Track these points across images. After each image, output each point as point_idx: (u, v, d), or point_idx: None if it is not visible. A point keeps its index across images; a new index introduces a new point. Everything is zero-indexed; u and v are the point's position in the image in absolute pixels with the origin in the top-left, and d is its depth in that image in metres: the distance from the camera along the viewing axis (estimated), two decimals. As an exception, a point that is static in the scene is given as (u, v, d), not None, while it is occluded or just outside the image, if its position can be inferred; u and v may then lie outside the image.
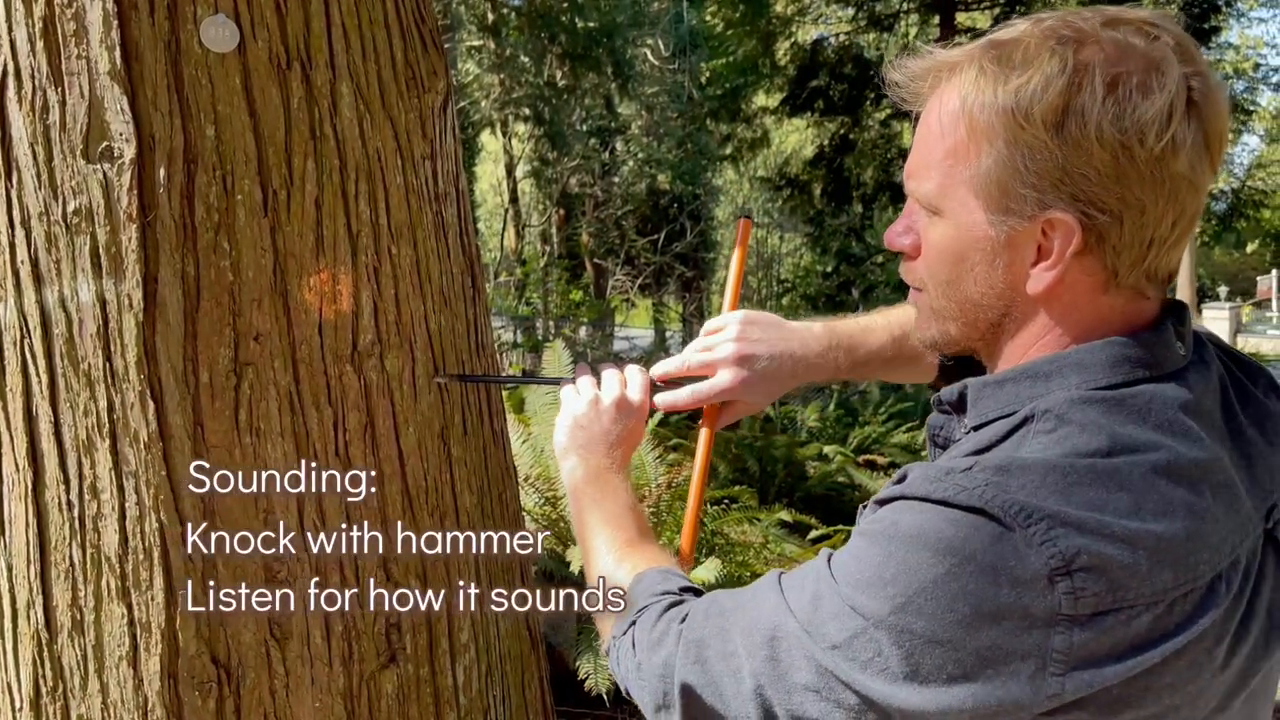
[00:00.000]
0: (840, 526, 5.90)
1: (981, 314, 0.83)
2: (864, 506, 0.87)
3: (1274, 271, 26.22)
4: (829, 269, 15.32)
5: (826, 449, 7.32)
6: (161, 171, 1.06)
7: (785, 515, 5.64)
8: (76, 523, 1.12)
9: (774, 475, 6.77)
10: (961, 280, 0.82)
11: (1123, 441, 0.72)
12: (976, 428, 0.83)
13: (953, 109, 0.79)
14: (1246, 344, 18.36)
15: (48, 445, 1.12)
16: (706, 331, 1.21)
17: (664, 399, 1.17)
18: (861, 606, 0.72)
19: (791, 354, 1.18)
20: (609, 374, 1.19)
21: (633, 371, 1.19)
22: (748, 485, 5.74)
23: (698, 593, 0.92)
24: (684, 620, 0.86)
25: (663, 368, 1.19)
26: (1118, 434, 0.73)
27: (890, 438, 8.09)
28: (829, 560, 0.78)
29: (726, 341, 1.17)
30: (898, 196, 11.83)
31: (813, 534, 5.77)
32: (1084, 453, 0.72)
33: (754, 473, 6.71)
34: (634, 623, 0.92)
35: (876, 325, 1.27)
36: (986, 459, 0.74)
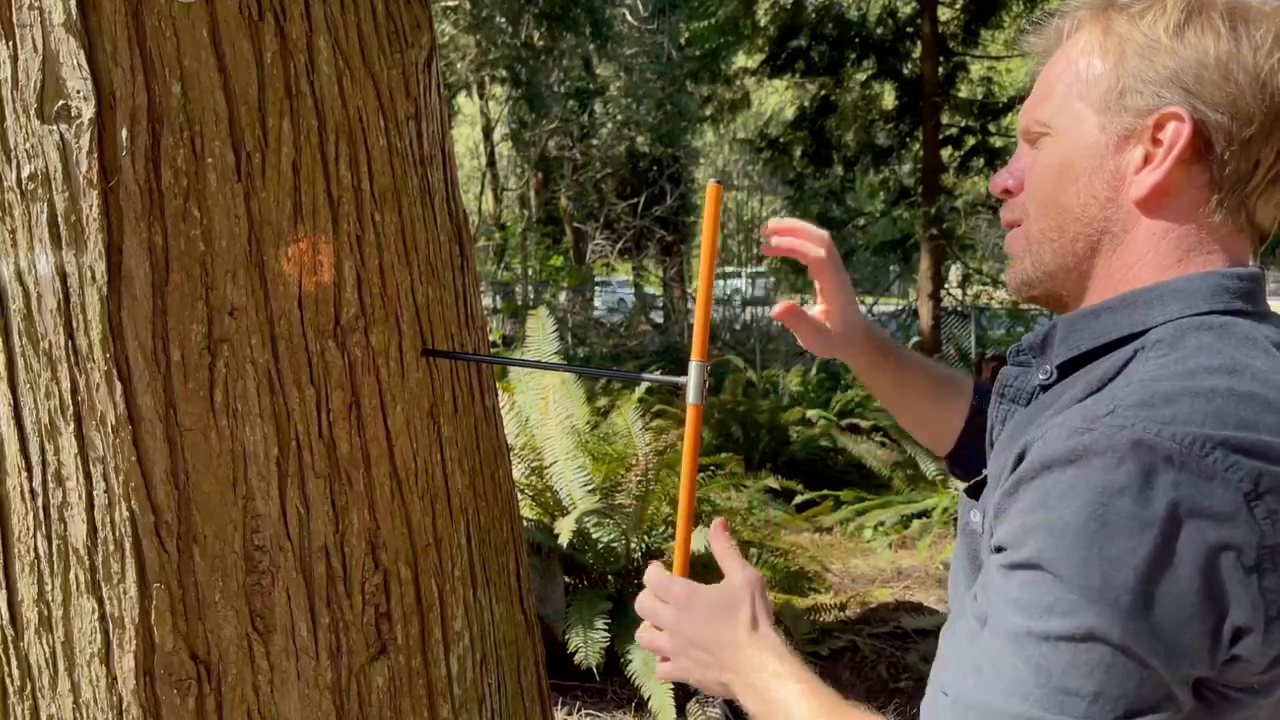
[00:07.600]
0: (825, 491, 5.89)
1: (1080, 229, 0.82)
2: (963, 493, 0.89)
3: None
4: (809, 232, 15.12)
5: (809, 413, 7.31)
6: (124, 133, 0.98)
7: (772, 482, 5.60)
8: (41, 512, 1.05)
9: (758, 441, 6.75)
10: (1063, 193, 0.83)
11: (1242, 363, 0.71)
12: (1063, 365, 0.82)
13: (1080, 40, 0.84)
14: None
15: (7, 430, 1.04)
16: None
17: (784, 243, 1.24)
18: (1093, 630, 0.65)
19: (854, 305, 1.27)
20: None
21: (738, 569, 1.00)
22: (733, 452, 5.71)
23: None
24: None
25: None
26: (1235, 356, 0.72)
27: (873, 401, 8.11)
28: (1009, 614, 0.69)
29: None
30: (879, 159, 11.70)
31: (797, 499, 5.76)
32: (1212, 369, 0.70)
33: (738, 438, 6.69)
34: None
35: (914, 355, 1.34)
36: (1122, 398, 0.69)
